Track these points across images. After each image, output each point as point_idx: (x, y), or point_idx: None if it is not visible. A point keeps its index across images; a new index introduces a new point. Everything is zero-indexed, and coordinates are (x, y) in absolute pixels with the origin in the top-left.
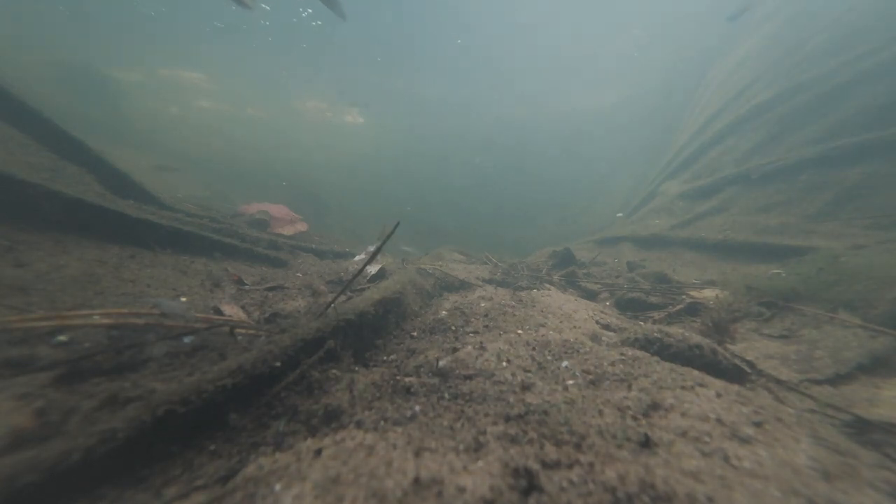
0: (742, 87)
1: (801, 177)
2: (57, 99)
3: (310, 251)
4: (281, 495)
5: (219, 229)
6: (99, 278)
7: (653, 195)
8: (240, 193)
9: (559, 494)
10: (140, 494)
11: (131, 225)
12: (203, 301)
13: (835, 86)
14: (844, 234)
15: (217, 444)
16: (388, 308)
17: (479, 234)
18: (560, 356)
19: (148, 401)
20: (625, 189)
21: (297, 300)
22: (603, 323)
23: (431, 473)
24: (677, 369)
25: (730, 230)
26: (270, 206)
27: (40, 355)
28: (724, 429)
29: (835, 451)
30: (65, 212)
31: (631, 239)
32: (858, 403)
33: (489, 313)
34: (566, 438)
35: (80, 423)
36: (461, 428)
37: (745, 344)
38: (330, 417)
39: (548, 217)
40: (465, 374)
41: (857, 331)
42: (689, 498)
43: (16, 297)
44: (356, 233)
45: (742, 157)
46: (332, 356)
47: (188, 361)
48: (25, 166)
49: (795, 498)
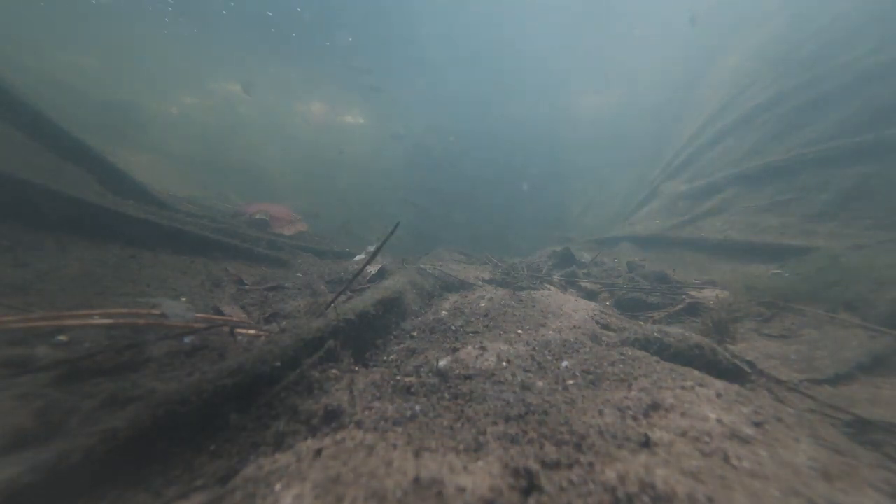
0: (742, 87)
1: (801, 177)
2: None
3: (310, 251)
4: (281, 495)
5: (219, 229)
6: (99, 278)
7: (653, 195)
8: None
9: (559, 494)
10: (140, 494)
11: (131, 225)
12: (203, 301)
13: (835, 86)
14: (844, 234)
15: (217, 444)
16: (388, 308)
17: (479, 235)
18: (560, 356)
19: (148, 401)
20: (625, 189)
21: (297, 300)
22: (603, 323)
23: (431, 473)
24: (677, 369)
25: (730, 230)
26: (270, 206)
27: (40, 355)
28: (724, 429)
29: (835, 451)
30: (65, 212)
31: (631, 239)
32: (858, 403)
33: (489, 313)
34: (566, 438)
35: (80, 423)
36: (461, 428)
37: (745, 344)
38: (330, 417)
39: (547, 217)
40: (465, 374)
41: (857, 331)
42: (689, 498)
43: (16, 297)
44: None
45: (742, 157)
46: (332, 356)
47: (188, 361)
48: (26, 166)
49: (795, 498)
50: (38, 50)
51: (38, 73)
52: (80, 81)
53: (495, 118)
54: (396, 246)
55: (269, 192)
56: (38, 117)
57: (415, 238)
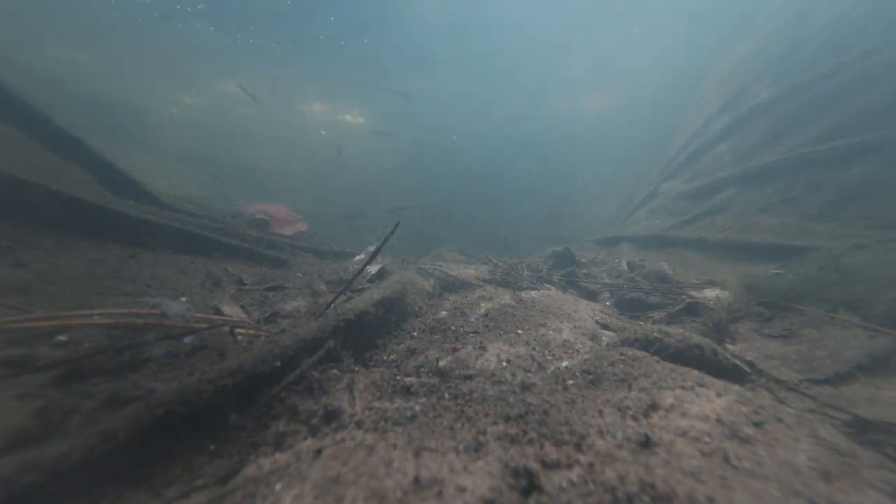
0: (742, 86)
1: (801, 177)
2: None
3: (310, 251)
4: (281, 495)
5: (219, 229)
6: (99, 278)
7: (653, 195)
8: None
9: (559, 494)
10: (140, 494)
11: (131, 225)
12: (203, 301)
13: (834, 86)
14: (844, 234)
15: (217, 444)
16: (388, 308)
17: (477, 235)
18: (560, 356)
19: (148, 401)
20: (625, 189)
21: (297, 300)
22: (603, 323)
23: (431, 473)
24: (677, 369)
25: (730, 230)
26: (270, 205)
27: (40, 355)
28: (724, 429)
29: (835, 451)
30: (65, 212)
31: (631, 239)
32: (858, 403)
33: (489, 313)
34: (566, 438)
35: (80, 423)
36: (461, 428)
37: (745, 344)
38: (330, 417)
39: (546, 218)
40: (465, 374)
41: (857, 331)
42: (689, 498)
43: (16, 297)
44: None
45: (742, 157)
46: (332, 356)
47: (188, 361)
48: (25, 166)
49: (795, 498)
50: (36, 48)
51: (38, 74)
52: (80, 81)
53: (495, 118)
54: (396, 246)
55: (270, 192)
56: (38, 117)
57: (415, 238)
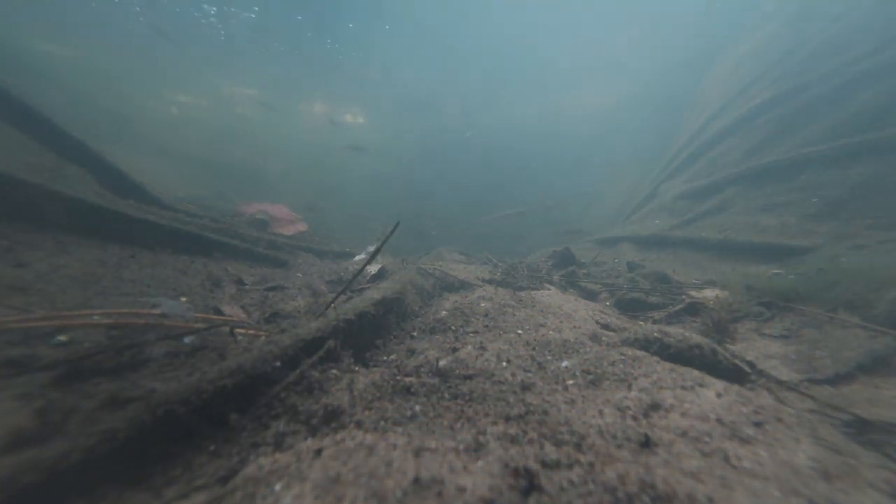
0: (742, 86)
1: (802, 177)
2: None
3: (310, 251)
4: (281, 495)
5: (219, 229)
6: (99, 278)
7: (653, 195)
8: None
9: (559, 494)
10: (140, 494)
11: (131, 225)
12: (203, 301)
13: (835, 86)
14: (844, 234)
15: (217, 444)
16: (388, 308)
17: (478, 235)
18: (560, 356)
19: (148, 401)
20: (625, 189)
21: (297, 300)
22: (603, 323)
23: (431, 473)
24: (677, 369)
25: (730, 230)
26: (270, 206)
27: (40, 355)
28: (724, 429)
29: (835, 451)
30: (65, 212)
31: (631, 239)
32: (858, 403)
33: (489, 313)
34: (566, 438)
35: (80, 423)
36: (461, 428)
37: (745, 344)
38: (330, 417)
39: (546, 218)
40: (466, 374)
41: (857, 331)
42: (689, 498)
43: (16, 297)
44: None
45: (742, 157)
46: (332, 356)
47: (188, 361)
48: (26, 166)
49: (795, 498)
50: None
51: (38, 73)
52: (80, 80)
53: (494, 118)
54: (396, 246)
55: (269, 191)
56: (38, 117)
57: (415, 238)
